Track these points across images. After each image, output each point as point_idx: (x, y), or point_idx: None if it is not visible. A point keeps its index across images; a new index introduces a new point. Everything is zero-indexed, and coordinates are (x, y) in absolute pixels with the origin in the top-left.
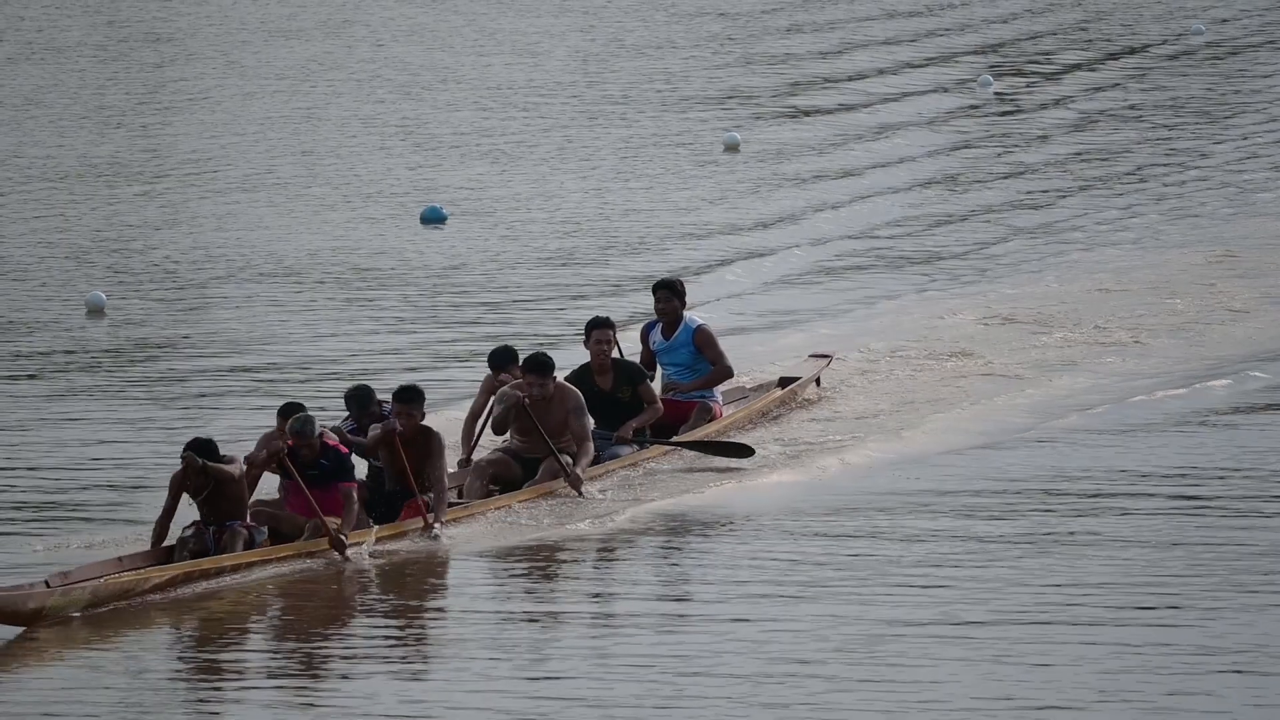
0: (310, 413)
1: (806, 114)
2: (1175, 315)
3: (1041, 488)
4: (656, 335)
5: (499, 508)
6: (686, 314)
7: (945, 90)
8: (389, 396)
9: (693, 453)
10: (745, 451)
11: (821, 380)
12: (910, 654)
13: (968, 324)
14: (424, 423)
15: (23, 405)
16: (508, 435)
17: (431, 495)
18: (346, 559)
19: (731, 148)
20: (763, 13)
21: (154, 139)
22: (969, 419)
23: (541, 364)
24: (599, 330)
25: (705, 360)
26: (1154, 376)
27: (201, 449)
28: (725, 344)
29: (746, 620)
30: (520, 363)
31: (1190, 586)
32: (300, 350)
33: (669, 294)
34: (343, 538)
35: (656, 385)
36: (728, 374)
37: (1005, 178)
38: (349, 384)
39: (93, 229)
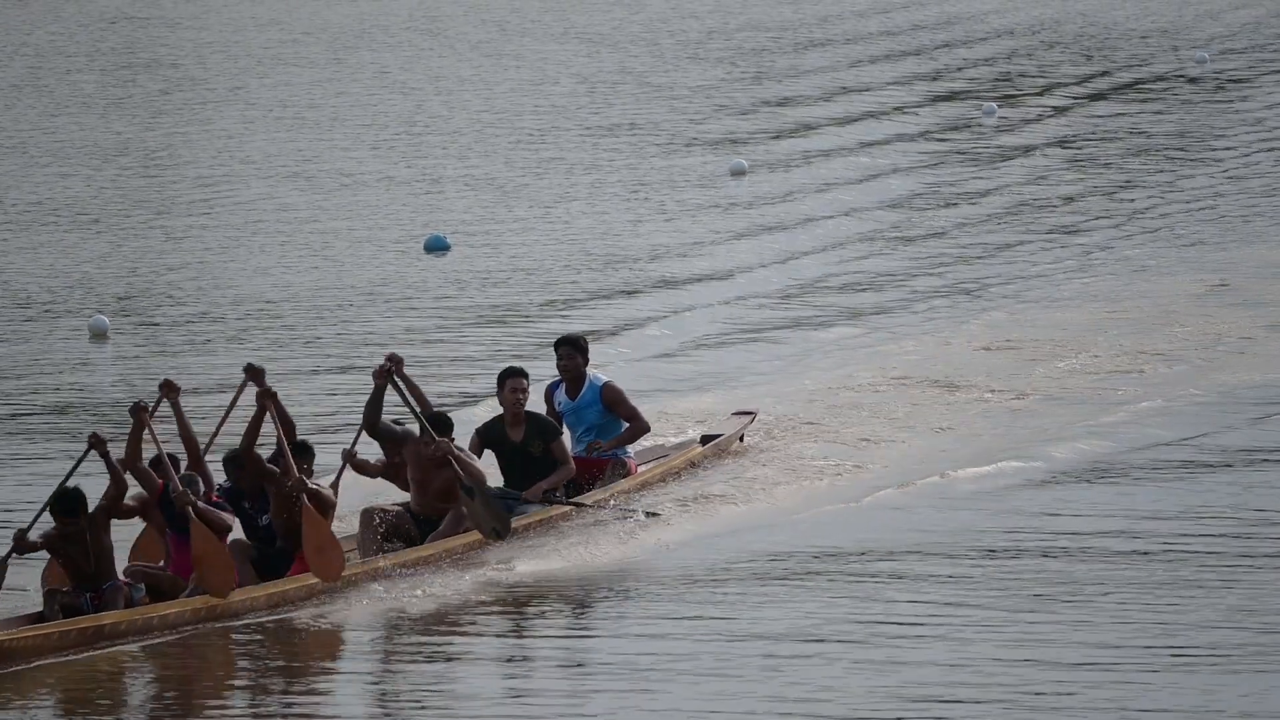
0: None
1: (798, 139)
2: (1152, 349)
3: (983, 543)
4: (561, 395)
5: (399, 564)
6: (590, 371)
7: (948, 118)
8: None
9: (606, 511)
10: (650, 515)
11: (745, 438)
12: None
13: (931, 365)
14: (312, 483)
15: (24, 431)
16: (407, 497)
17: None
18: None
19: (738, 173)
20: (769, 43)
21: (158, 166)
22: (907, 471)
23: (444, 423)
24: (513, 379)
25: (615, 419)
26: (1118, 412)
27: (71, 506)
28: (642, 400)
29: (660, 685)
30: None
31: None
32: (301, 378)
33: (572, 350)
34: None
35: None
36: (645, 429)
37: (974, 206)
38: (353, 411)
39: (98, 254)
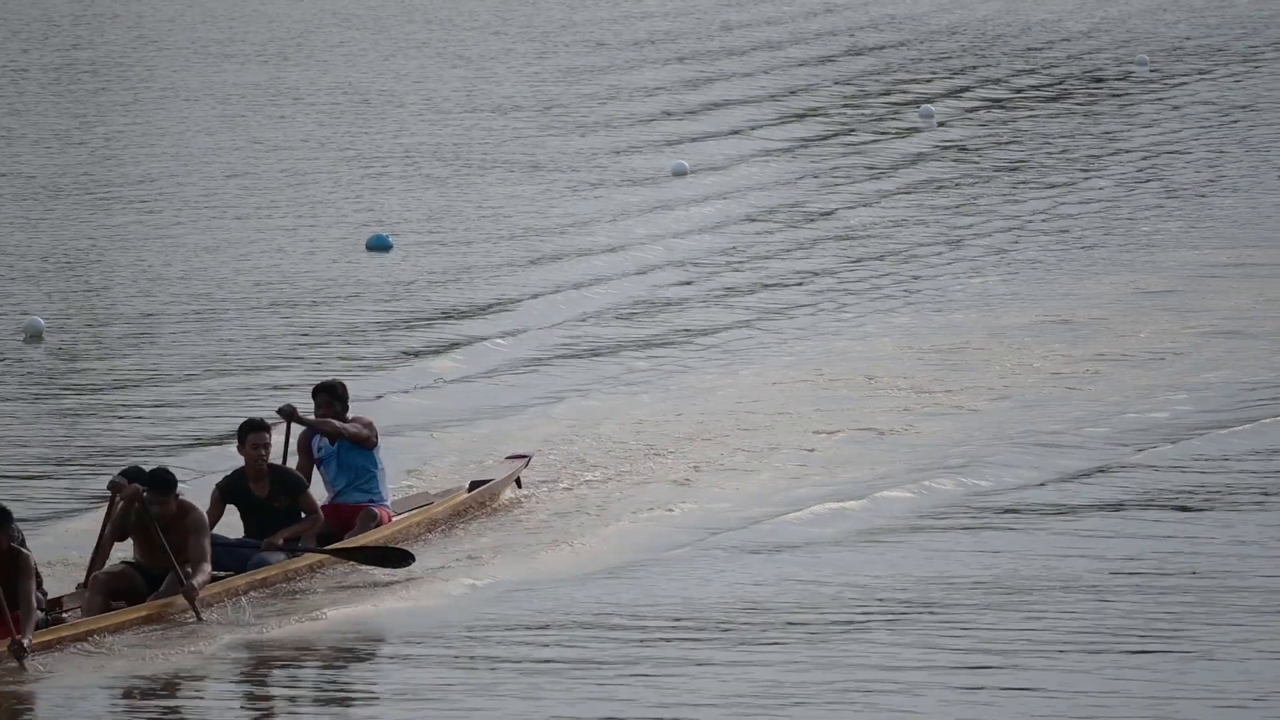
0: None
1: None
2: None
3: (759, 598)
4: (321, 440)
5: (102, 628)
6: (350, 417)
7: (885, 120)
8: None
9: (348, 562)
10: (405, 559)
11: (521, 483)
12: None
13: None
14: (15, 545)
15: None
16: (129, 552)
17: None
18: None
19: (679, 174)
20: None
21: (97, 164)
22: (694, 517)
23: (164, 480)
24: (255, 434)
25: (371, 457)
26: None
27: None
28: (405, 442)
29: None
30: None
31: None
32: (239, 380)
33: (329, 398)
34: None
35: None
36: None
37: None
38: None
39: (36, 252)
